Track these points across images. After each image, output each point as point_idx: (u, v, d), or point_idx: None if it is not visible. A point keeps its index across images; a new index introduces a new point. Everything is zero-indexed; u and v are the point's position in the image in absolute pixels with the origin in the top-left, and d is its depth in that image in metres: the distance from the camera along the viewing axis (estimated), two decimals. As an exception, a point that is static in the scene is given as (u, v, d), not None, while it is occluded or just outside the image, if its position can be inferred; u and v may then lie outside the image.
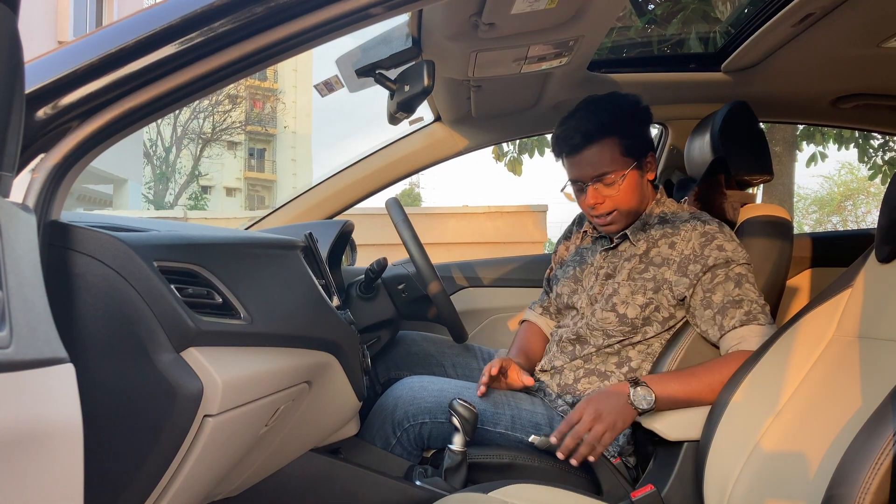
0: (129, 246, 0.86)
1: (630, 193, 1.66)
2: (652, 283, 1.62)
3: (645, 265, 1.65)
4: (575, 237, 1.94)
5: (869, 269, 1.23)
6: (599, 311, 1.67)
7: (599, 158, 1.63)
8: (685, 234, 1.63)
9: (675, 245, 1.63)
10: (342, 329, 1.30)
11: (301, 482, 1.44)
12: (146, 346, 0.87)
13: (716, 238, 1.60)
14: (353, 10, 0.89)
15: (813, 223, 20.06)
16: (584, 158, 1.64)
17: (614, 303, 1.65)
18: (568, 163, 1.69)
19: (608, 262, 1.73)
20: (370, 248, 2.83)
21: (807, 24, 1.64)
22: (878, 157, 6.52)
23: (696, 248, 1.60)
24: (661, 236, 1.66)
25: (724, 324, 1.52)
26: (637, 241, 1.69)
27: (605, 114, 1.64)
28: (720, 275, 1.56)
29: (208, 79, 0.89)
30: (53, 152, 0.82)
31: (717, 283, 1.55)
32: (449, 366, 1.95)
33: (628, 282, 1.65)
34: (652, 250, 1.66)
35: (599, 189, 1.65)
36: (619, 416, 1.45)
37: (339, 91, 1.66)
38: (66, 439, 0.61)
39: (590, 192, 1.66)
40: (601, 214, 1.68)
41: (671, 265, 1.62)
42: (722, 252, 1.57)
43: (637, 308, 1.63)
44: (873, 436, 0.91)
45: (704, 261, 1.58)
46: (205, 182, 26.06)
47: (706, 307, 1.55)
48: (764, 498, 1.15)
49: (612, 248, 1.74)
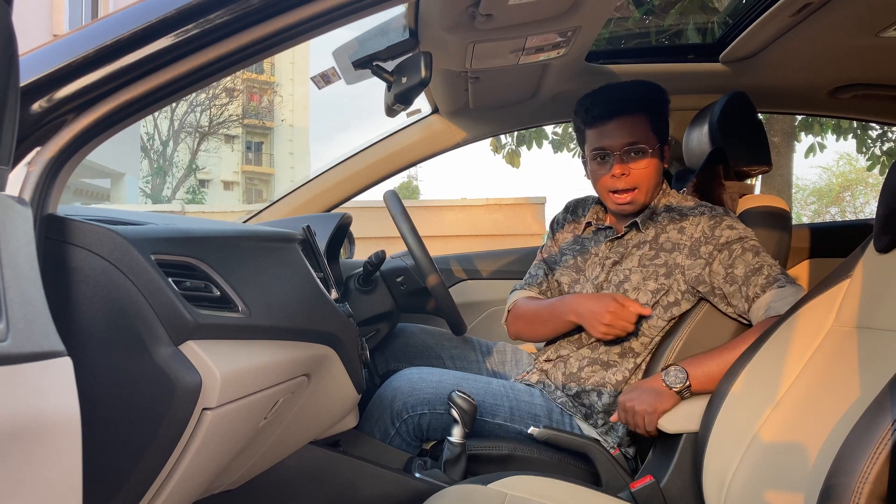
0: (126, 239, 0.86)
1: (652, 174, 1.67)
2: (664, 269, 1.63)
3: (655, 251, 1.66)
4: (571, 226, 1.92)
5: (867, 259, 1.23)
6: None
7: (633, 128, 1.63)
8: (694, 219, 1.64)
9: (684, 230, 1.64)
10: (341, 322, 1.30)
11: (300, 475, 1.44)
12: (144, 339, 0.86)
13: (724, 220, 1.62)
14: (349, 0, 0.89)
15: (811, 214, 20.09)
16: (617, 126, 1.64)
17: (625, 289, 1.65)
18: (596, 132, 1.67)
19: (614, 251, 1.73)
20: (368, 241, 2.83)
21: (805, 14, 1.63)
22: (877, 147, 6.53)
23: (705, 230, 1.62)
24: (669, 222, 1.67)
25: (748, 293, 1.53)
26: (645, 228, 1.69)
27: (641, 88, 1.67)
28: (737, 249, 1.57)
29: (204, 71, 0.89)
30: (49, 145, 0.82)
31: (736, 256, 1.57)
32: (447, 358, 1.95)
33: (639, 268, 1.66)
34: (661, 236, 1.67)
35: (626, 160, 1.65)
36: (657, 400, 1.47)
37: (336, 83, 1.66)
38: (64, 432, 0.61)
39: (616, 160, 1.64)
40: (623, 189, 1.66)
41: (682, 249, 1.63)
42: (733, 230, 1.60)
43: (649, 294, 1.63)
44: (872, 425, 0.91)
45: (716, 241, 1.59)
46: (202, 176, 26.02)
47: (731, 283, 1.55)
48: (763, 488, 1.15)
49: (618, 238, 1.74)
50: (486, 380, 1.71)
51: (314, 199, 2.24)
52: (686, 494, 1.41)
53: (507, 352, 1.97)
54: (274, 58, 23.58)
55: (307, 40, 0.95)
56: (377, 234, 3.43)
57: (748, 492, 1.18)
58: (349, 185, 2.25)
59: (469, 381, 1.68)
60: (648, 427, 1.47)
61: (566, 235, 1.91)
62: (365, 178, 2.25)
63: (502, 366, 1.95)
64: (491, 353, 1.97)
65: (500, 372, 1.93)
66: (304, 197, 2.25)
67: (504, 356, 1.96)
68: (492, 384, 1.68)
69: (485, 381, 1.70)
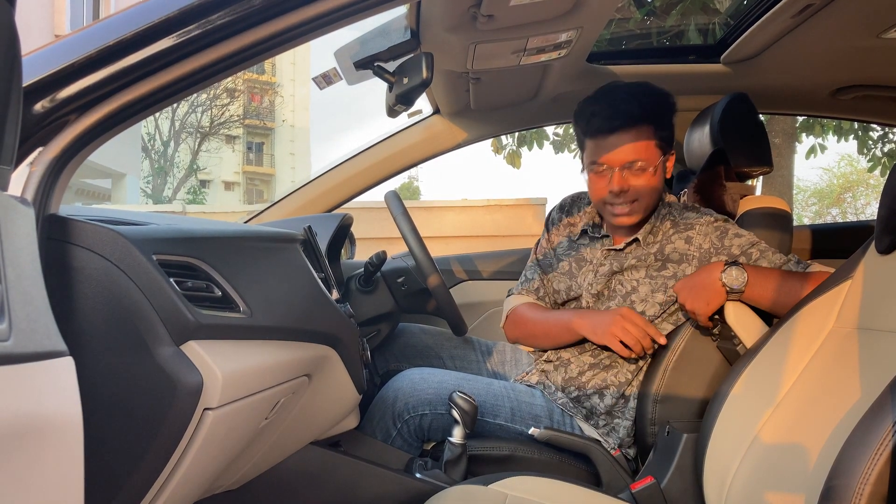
0: (128, 239, 0.86)
1: (652, 188, 1.62)
2: (673, 281, 1.62)
3: (662, 262, 1.64)
4: (565, 226, 1.86)
5: (868, 260, 1.23)
6: (616, 308, 1.65)
7: (635, 144, 1.58)
8: (700, 229, 1.63)
9: (691, 240, 1.63)
10: (342, 322, 1.30)
11: (301, 475, 1.44)
12: (146, 339, 0.86)
13: (730, 229, 1.62)
14: (351, 0, 0.89)
15: (812, 215, 20.07)
16: (619, 141, 1.58)
17: (632, 300, 1.64)
18: (595, 144, 1.61)
19: (610, 260, 1.70)
20: (369, 242, 2.83)
21: (806, 15, 1.64)
22: (878, 148, 6.53)
23: (714, 240, 1.61)
24: (674, 232, 1.65)
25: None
26: (647, 244, 1.67)
27: (647, 99, 1.60)
28: (755, 252, 1.58)
29: (206, 72, 0.89)
30: (51, 146, 0.82)
31: (757, 259, 1.58)
32: (448, 358, 1.95)
33: (647, 279, 1.64)
34: (667, 247, 1.65)
35: (626, 176, 1.60)
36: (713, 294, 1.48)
37: (337, 84, 1.66)
38: (66, 432, 0.61)
39: (616, 177, 1.59)
40: (623, 203, 1.62)
41: (691, 261, 1.62)
42: (742, 238, 1.60)
43: (657, 306, 1.63)
44: (872, 426, 0.91)
45: (728, 251, 1.59)
46: (203, 176, 26.01)
47: None
48: (763, 489, 1.15)
49: (617, 250, 1.70)
50: (486, 380, 1.70)
51: (315, 199, 2.24)
52: (686, 495, 1.41)
53: (507, 352, 1.97)
54: (275, 58, 23.57)
55: (309, 41, 0.95)
56: (378, 235, 3.43)
57: (749, 493, 1.18)
58: (350, 185, 2.25)
59: (470, 381, 1.68)
60: (701, 320, 1.49)
61: (560, 236, 1.86)
62: (366, 178, 2.25)
63: (502, 366, 1.94)
64: (491, 354, 1.97)
65: (500, 372, 1.93)
66: (305, 197, 2.25)
67: (504, 356, 1.96)
68: (493, 385, 1.68)
69: (486, 381, 1.70)
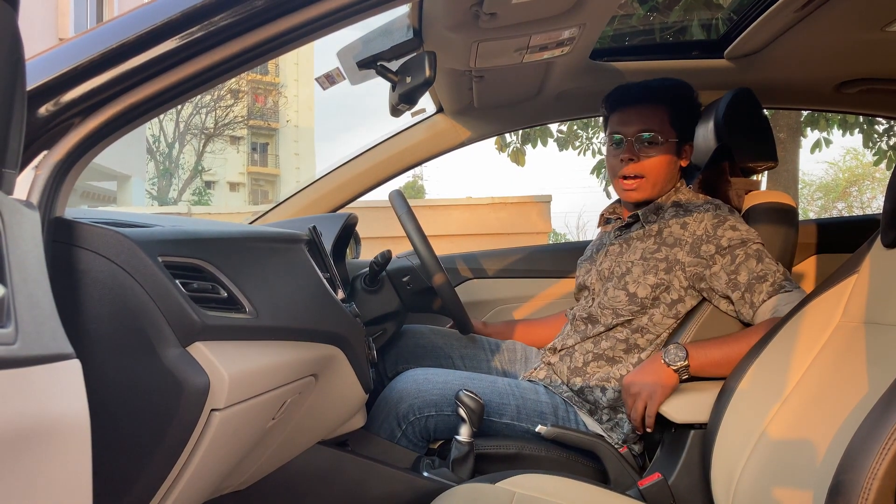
0: (133, 241, 0.86)
1: (661, 166, 1.69)
2: (664, 264, 1.63)
3: (657, 245, 1.66)
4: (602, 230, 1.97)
5: (874, 254, 1.22)
6: (612, 289, 1.69)
7: (650, 117, 1.68)
8: (697, 216, 1.65)
9: (686, 226, 1.64)
10: (347, 322, 1.30)
11: (309, 475, 1.44)
12: (152, 341, 0.87)
13: (728, 220, 1.61)
14: (353, 0, 0.89)
15: (818, 209, 20.01)
16: (634, 112, 1.70)
17: (626, 282, 1.67)
18: (617, 117, 1.73)
19: (619, 240, 1.76)
20: (374, 241, 2.83)
21: (810, 10, 1.63)
22: (883, 142, 6.49)
23: (708, 228, 1.61)
24: (673, 217, 1.68)
25: (753, 300, 1.53)
26: (649, 223, 1.71)
27: (668, 83, 1.73)
28: (740, 255, 1.57)
29: (210, 73, 0.89)
30: (56, 149, 0.82)
31: (740, 262, 1.56)
32: (457, 357, 1.94)
33: (641, 261, 1.67)
34: (664, 230, 1.67)
35: (637, 149, 1.68)
36: (657, 383, 1.49)
37: (340, 84, 1.66)
38: (73, 435, 0.61)
39: (626, 146, 1.68)
40: (628, 176, 1.70)
41: (683, 246, 1.63)
42: (736, 232, 1.59)
43: (648, 288, 1.64)
44: (880, 421, 0.91)
45: (717, 241, 1.59)
46: (208, 177, 26.06)
47: (734, 289, 1.55)
48: (771, 485, 1.15)
49: (624, 227, 1.78)
50: (491, 379, 1.71)
51: (320, 199, 2.24)
52: (694, 492, 1.41)
53: (518, 349, 1.97)
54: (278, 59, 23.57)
55: (312, 41, 0.95)
56: (383, 234, 3.43)
57: (757, 488, 1.18)
58: (355, 185, 2.25)
59: (475, 380, 1.68)
60: (650, 411, 1.49)
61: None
62: (370, 177, 2.25)
63: (512, 364, 1.94)
64: (500, 352, 1.97)
65: (510, 370, 1.93)
66: (309, 197, 2.25)
67: (514, 354, 1.96)
68: (497, 383, 1.68)
69: (490, 380, 1.70)
